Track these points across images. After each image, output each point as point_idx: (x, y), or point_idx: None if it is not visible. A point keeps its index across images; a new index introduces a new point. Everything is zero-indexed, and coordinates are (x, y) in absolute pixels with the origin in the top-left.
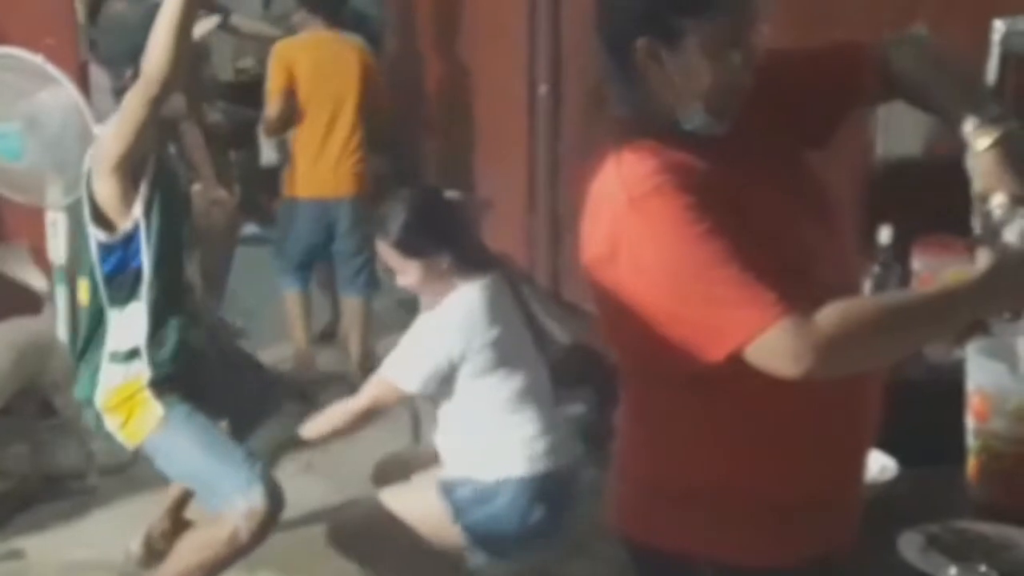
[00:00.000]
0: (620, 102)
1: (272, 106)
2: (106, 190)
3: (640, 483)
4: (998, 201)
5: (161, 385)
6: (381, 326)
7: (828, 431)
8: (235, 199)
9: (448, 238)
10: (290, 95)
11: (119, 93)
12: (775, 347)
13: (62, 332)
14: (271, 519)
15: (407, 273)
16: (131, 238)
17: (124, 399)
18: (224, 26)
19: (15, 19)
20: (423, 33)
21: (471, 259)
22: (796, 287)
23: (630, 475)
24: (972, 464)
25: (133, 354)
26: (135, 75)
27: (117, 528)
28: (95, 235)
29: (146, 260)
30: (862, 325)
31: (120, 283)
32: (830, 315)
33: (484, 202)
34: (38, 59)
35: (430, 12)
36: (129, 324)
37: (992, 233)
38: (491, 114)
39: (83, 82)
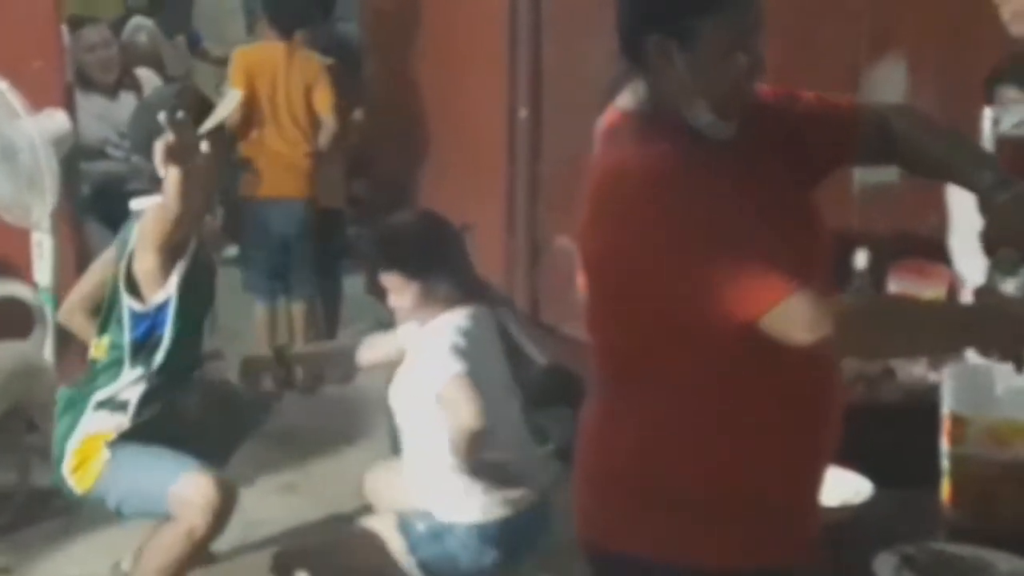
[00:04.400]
0: (632, 99)
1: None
2: (146, 264)
3: (598, 485)
4: (1006, 253)
5: (125, 436)
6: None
7: (791, 441)
8: (217, 221)
9: (449, 263)
10: (248, 98)
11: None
12: (794, 313)
13: (48, 353)
14: (225, 510)
15: (403, 295)
16: (161, 308)
17: (85, 446)
18: (197, 53)
19: (1, 43)
20: (403, 56)
21: (467, 287)
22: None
23: (589, 477)
24: (946, 486)
25: (121, 406)
26: None
27: (103, 546)
28: (129, 304)
29: (168, 332)
30: (877, 310)
31: (143, 348)
32: (847, 295)
33: (469, 225)
34: (2, 85)
35: (409, 35)
36: (128, 381)
37: (995, 283)
38: (470, 137)
39: (69, 105)
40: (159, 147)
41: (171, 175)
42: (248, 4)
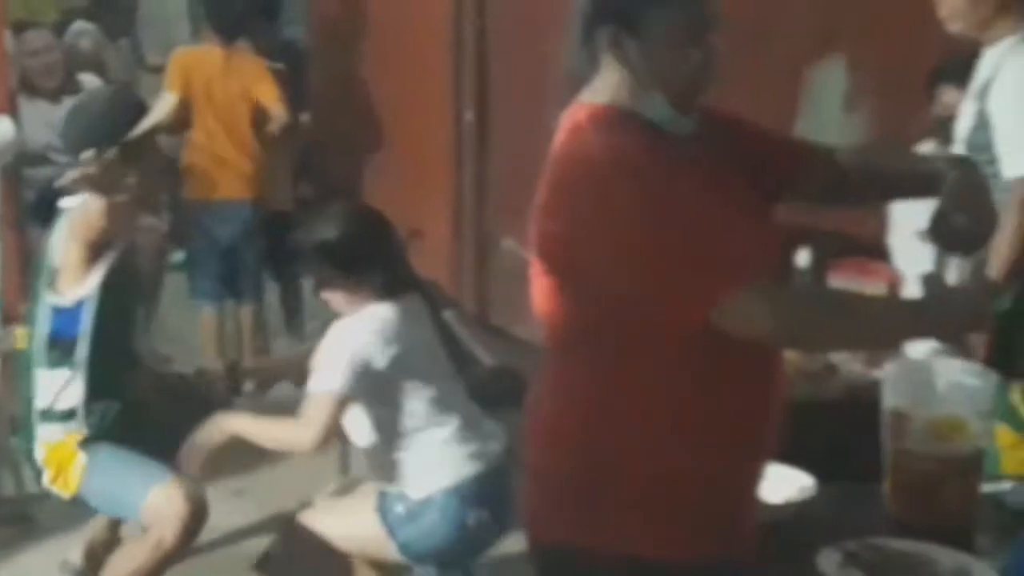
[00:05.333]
0: (595, 93)
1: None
2: (68, 258)
3: (540, 477)
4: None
5: (92, 440)
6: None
7: (732, 434)
8: (164, 226)
9: (381, 257)
10: (186, 101)
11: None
12: (741, 308)
13: None
14: (195, 523)
15: (335, 291)
16: (80, 305)
17: (54, 454)
18: (142, 65)
19: None
20: (349, 60)
21: (399, 281)
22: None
23: (532, 469)
24: (889, 482)
25: (69, 415)
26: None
27: (52, 555)
28: (49, 296)
29: (86, 331)
30: (822, 304)
31: (58, 346)
32: (792, 288)
33: (416, 231)
34: None
35: (356, 39)
36: (60, 387)
37: (942, 270)
38: (417, 140)
39: (12, 111)
40: (80, 176)
41: (94, 201)
42: (193, 9)
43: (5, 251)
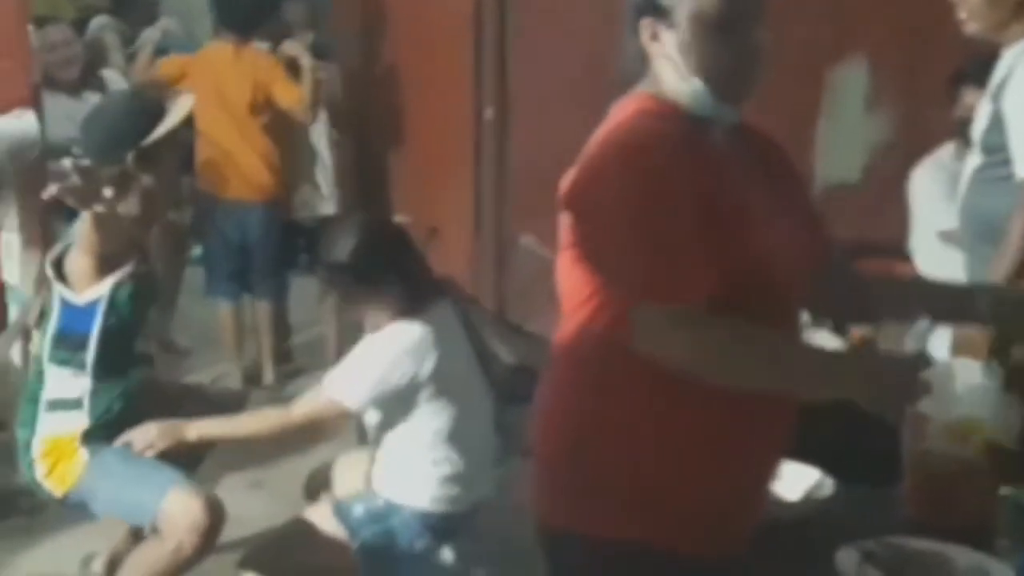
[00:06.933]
0: (642, 83)
1: (147, 73)
2: (77, 265)
3: (548, 465)
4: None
5: (94, 434)
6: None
7: (737, 429)
8: (186, 221)
9: (399, 268)
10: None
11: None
12: (646, 321)
13: (15, 353)
14: (213, 531)
15: (359, 302)
16: (93, 304)
17: (54, 448)
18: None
19: None
20: (369, 56)
21: (421, 291)
22: (731, 291)
23: (540, 457)
24: (908, 482)
25: (76, 404)
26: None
27: (69, 545)
28: (61, 291)
29: (96, 331)
30: (736, 340)
31: (66, 343)
32: (720, 322)
33: (433, 229)
34: None
35: (376, 37)
36: (69, 381)
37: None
38: (437, 137)
39: (37, 105)
40: (59, 189)
41: (83, 216)
42: None
43: (28, 245)
